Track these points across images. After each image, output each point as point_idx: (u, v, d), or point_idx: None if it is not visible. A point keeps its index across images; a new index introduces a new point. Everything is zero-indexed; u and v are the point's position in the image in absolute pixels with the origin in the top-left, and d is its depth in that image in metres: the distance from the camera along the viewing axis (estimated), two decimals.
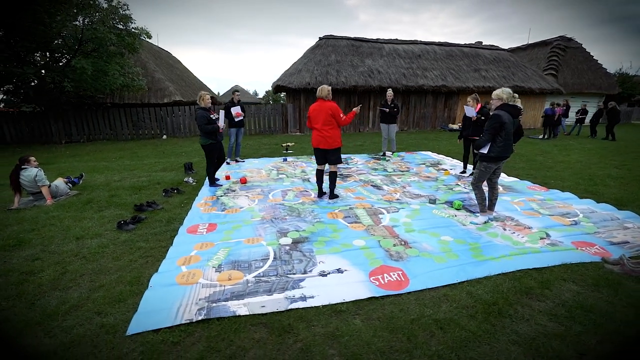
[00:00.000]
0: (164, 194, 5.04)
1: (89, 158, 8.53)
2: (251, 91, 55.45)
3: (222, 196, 4.95)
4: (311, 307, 2.28)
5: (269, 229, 3.68)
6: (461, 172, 6.39)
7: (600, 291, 2.48)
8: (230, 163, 7.43)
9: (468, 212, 4.20)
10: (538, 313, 2.23)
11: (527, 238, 3.40)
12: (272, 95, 42.29)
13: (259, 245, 3.27)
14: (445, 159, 7.92)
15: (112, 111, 12.26)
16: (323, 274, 2.72)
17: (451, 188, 5.36)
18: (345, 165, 7.21)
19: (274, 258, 3.00)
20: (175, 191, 5.16)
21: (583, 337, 2.00)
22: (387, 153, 8.31)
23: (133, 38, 11.02)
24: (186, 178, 5.93)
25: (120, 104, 13.16)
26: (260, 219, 3.99)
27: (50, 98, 10.92)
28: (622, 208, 4.33)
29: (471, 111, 5.50)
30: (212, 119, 5.14)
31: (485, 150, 3.63)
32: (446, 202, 4.61)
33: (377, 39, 16.26)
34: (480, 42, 19.66)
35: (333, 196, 4.75)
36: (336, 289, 2.49)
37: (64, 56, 10.98)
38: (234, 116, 7.03)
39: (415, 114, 15.27)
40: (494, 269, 2.75)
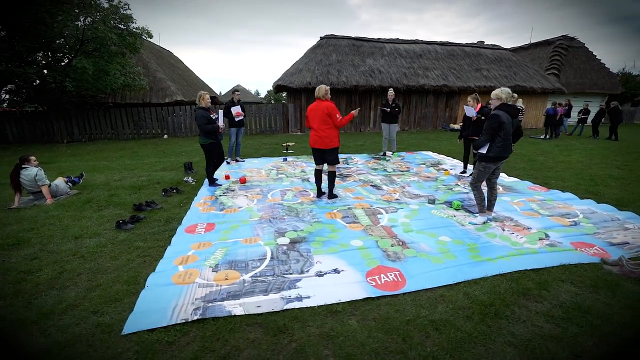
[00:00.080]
0: (164, 194, 5.05)
1: (90, 157, 8.55)
2: (253, 91, 55.54)
3: (221, 196, 4.95)
4: (307, 308, 2.28)
5: (267, 229, 3.67)
6: (461, 172, 6.36)
7: (598, 292, 2.46)
8: (230, 162, 7.44)
9: (467, 213, 4.18)
10: (535, 314, 2.22)
11: (526, 239, 3.38)
12: (274, 95, 42.32)
13: (257, 245, 3.27)
14: (445, 159, 7.90)
15: (114, 111, 12.30)
16: (320, 274, 2.71)
17: (451, 188, 5.34)
18: (345, 165, 7.20)
19: (271, 258, 3.00)
20: (174, 191, 5.17)
21: (579, 339, 1.99)
22: (388, 153, 8.29)
23: (134, 38, 11.04)
24: (186, 178, 5.94)
25: (122, 104, 13.19)
26: (258, 219, 3.99)
27: (51, 98, 10.96)
28: (623, 208, 4.30)
29: (471, 111, 5.48)
30: (212, 119, 5.16)
31: (484, 150, 3.62)
32: (445, 202, 4.59)
33: (378, 39, 16.23)
34: (482, 42, 19.60)
35: (332, 196, 4.74)
36: (332, 290, 2.48)
37: (66, 56, 11.03)
38: (234, 116, 7.04)
39: (416, 114, 15.23)
40: (492, 270, 2.74)
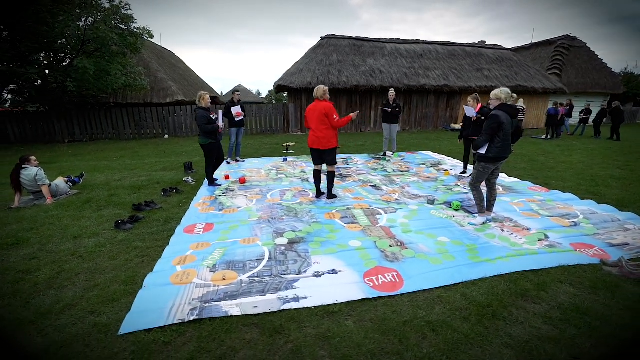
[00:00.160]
0: (163, 194, 5.05)
1: (91, 157, 8.58)
2: (254, 91, 55.62)
3: (221, 196, 4.96)
4: (304, 308, 2.27)
5: (266, 229, 3.67)
6: (461, 173, 6.35)
7: (597, 294, 2.45)
8: (230, 162, 7.44)
9: (466, 213, 4.17)
10: (533, 316, 2.21)
11: (525, 239, 3.37)
12: (275, 95, 42.33)
13: (255, 245, 3.27)
14: (446, 159, 7.88)
15: (115, 111, 12.32)
16: (317, 275, 2.71)
17: (450, 189, 5.33)
18: (345, 165, 7.20)
19: (269, 258, 3.00)
20: (174, 191, 5.18)
21: (577, 341, 1.98)
22: (388, 153, 8.28)
23: (135, 38, 11.06)
24: (185, 178, 5.95)
25: (123, 104, 13.21)
26: (257, 219, 3.99)
27: (53, 98, 11.00)
28: (624, 209, 4.28)
29: (471, 111, 5.46)
30: (212, 119, 5.17)
31: (483, 150, 3.61)
32: (445, 203, 4.58)
33: (379, 39, 16.21)
34: (483, 42, 19.55)
35: (331, 196, 4.73)
36: (330, 290, 2.48)
37: (67, 56, 11.06)
38: (234, 116, 7.05)
39: (417, 114, 15.21)
40: (490, 271, 2.73)
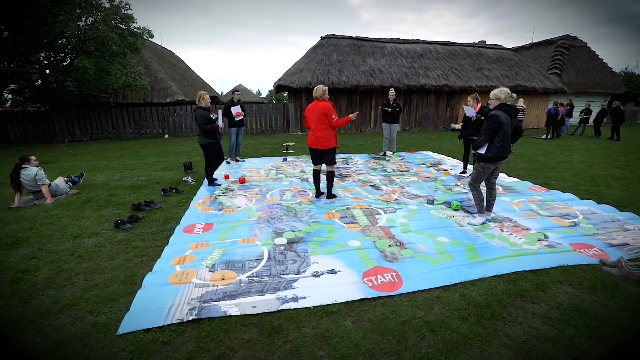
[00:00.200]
0: (163, 194, 5.06)
1: (91, 157, 8.59)
2: (255, 91, 55.64)
3: (221, 196, 4.96)
4: (302, 308, 2.27)
5: (265, 229, 3.67)
6: (461, 173, 6.34)
7: (596, 294, 2.45)
8: (230, 162, 7.45)
9: (466, 213, 4.17)
10: (532, 316, 2.21)
11: (525, 240, 3.37)
12: (275, 94, 42.33)
13: (254, 245, 3.27)
14: (446, 159, 7.87)
15: (115, 111, 12.33)
16: (316, 275, 2.71)
17: (450, 189, 5.32)
18: (345, 165, 7.20)
19: (269, 258, 3.00)
20: (174, 191, 5.18)
21: (576, 341, 1.97)
22: (388, 153, 8.28)
23: (135, 38, 11.07)
24: (185, 178, 5.95)
25: (123, 104, 13.22)
26: (257, 219, 3.99)
27: (54, 98, 11.01)
28: (624, 209, 4.27)
29: (471, 111, 5.46)
30: (212, 119, 5.18)
31: (483, 150, 3.60)
32: (445, 203, 4.57)
33: (379, 39, 16.20)
34: (483, 42, 19.54)
35: (331, 196, 4.73)
36: (329, 290, 2.48)
37: (68, 56, 11.07)
38: (235, 116, 7.05)
39: (417, 114, 15.20)
40: (489, 271, 2.72)
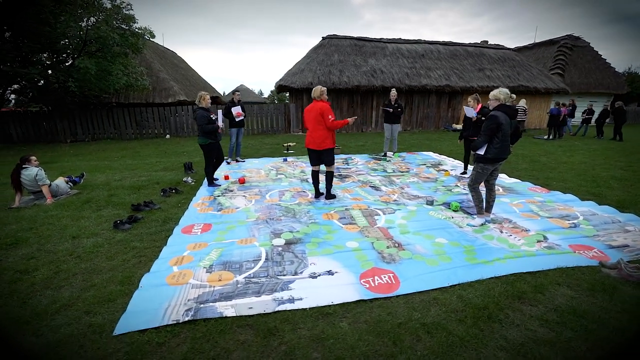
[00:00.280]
0: (162, 194, 5.07)
1: (92, 157, 8.61)
2: (256, 91, 55.77)
3: (220, 196, 4.96)
4: (298, 310, 2.27)
5: (263, 230, 3.67)
6: (462, 173, 6.32)
7: (595, 296, 2.43)
8: (230, 163, 7.45)
9: (465, 214, 4.15)
10: (529, 318, 2.19)
11: (524, 241, 3.35)
12: (277, 94, 42.37)
13: (252, 246, 3.27)
14: (446, 160, 7.85)
15: (117, 111, 12.37)
16: (313, 276, 2.70)
17: (450, 189, 5.31)
18: (345, 165, 7.19)
19: (266, 259, 3.00)
20: (173, 191, 5.19)
21: (573, 344, 1.96)
22: (389, 153, 8.26)
23: (136, 38, 11.09)
24: (185, 178, 5.96)
25: (125, 104, 13.26)
26: (255, 220, 3.99)
27: (55, 98, 11.05)
28: (624, 210, 4.24)
29: (471, 112, 5.44)
30: (212, 119, 5.19)
31: (481, 151, 3.59)
32: (444, 204, 4.56)
33: (381, 39, 16.18)
34: (486, 42, 19.47)
35: (330, 197, 4.73)
36: (325, 291, 2.47)
37: (70, 56, 11.11)
38: (235, 116, 7.06)
39: (418, 114, 15.16)
40: (487, 273, 2.71)
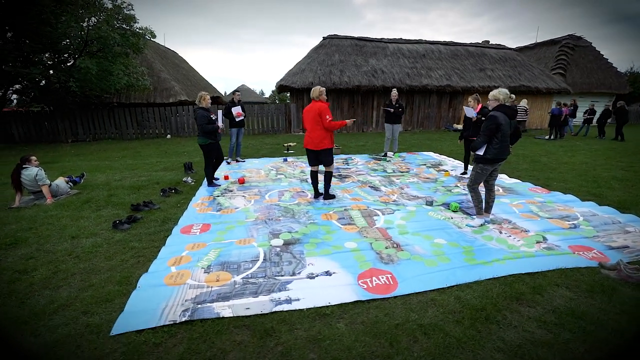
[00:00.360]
0: (162, 194, 5.07)
1: (93, 157, 8.63)
2: (257, 90, 55.79)
3: (219, 196, 4.96)
4: (295, 310, 2.27)
5: (262, 230, 3.67)
6: (462, 173, 6.30)
7: (594, 297, 2.42)
8: (230, 163, 7.46)
9: (465, 215, 4.14)
10: (527, 319, 2.18)
11: (523, 241, 3.34)
12: (278, 94, 42.37)
13: (250, 246, 3.27)
14: (446, 160, 7.84)
15: (118, 111, 12.40)
16: (311, 277, 2.70)
17: (450, 190, 5.29)
18: (344, 165, 7.18)
19: (264, 259, 3.00)
20: (173, 191, 5.20)
21: (571, 345, 1.95)
22: (389, 153, 8.25)
23: (137, 38, 11.11)
24: (185, 178, 5.97)
25: (126, 104, 13.29)
26: (254, 220, 3.99)
27: (57, 98, 11.09)
28: (625, 211, 4.22)
29: (471, 112, 5.42)
30: (212, 119, 5.19)
31: (481, 152, 3.58)
32: (443, 204, 4.55)
33: (381, 39, 16.16)
34: (487, 42, 19.42)
35: (328, 197, 4.72)
36: (323, 292, 2.47)
37: (71, 56, 11.14)
38: (235, 116, 7.06)
39: (419, 114, 15.14)
40: (485, 274, 2.70)
